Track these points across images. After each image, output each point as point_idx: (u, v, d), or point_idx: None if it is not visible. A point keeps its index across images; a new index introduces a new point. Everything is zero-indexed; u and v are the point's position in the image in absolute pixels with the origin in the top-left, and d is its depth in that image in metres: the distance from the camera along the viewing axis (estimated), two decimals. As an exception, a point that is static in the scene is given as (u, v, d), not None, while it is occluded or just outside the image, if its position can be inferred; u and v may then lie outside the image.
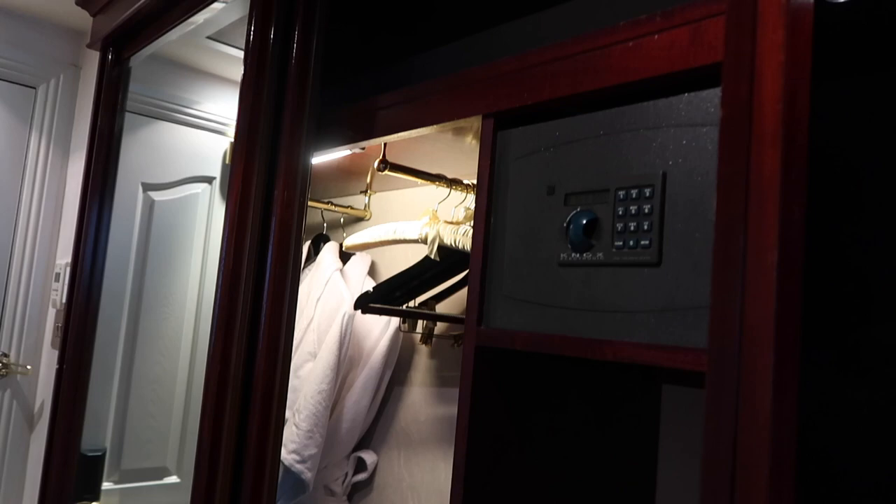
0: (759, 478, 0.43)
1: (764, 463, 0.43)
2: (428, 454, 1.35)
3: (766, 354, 0.44)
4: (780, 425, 0.44)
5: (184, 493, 1.66)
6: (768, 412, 0.44)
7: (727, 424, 0.46)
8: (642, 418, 0.95)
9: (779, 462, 0.43)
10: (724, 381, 0.46)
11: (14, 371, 1.71)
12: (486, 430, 0.76)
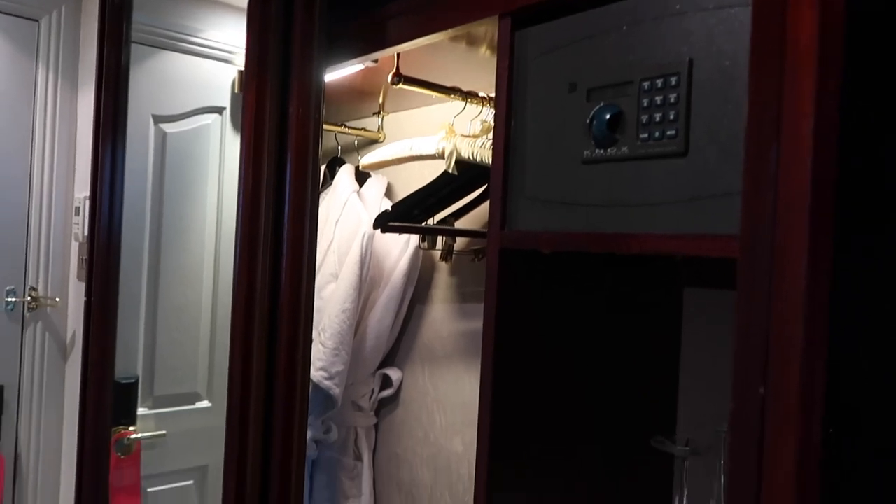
0: (791, 362, 0.43)
1: (797, 346, 0.43)
2: (452, 368, 1.38)
3: (800, 231, 0.44)
4: (813, 309, 0.44)
5: (216, 417, 1.72)
6: (801, 295, 0.44)
7: (760, 309, 0.46)
8: (664, 322, 0.96)
9: (811, 345, 0.43)
10: (757, 262, 0.46)
11: (43, 304, 1.75)
12: (512, 334, 0.77)
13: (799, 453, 0.42)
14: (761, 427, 0.41)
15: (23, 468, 1.79)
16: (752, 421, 0.40)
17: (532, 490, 0.82)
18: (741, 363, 0.42)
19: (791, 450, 0.41)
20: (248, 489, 1.19)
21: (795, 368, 0.40)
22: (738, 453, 0.42)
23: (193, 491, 2.02)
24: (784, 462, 0.42)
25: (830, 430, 0.43)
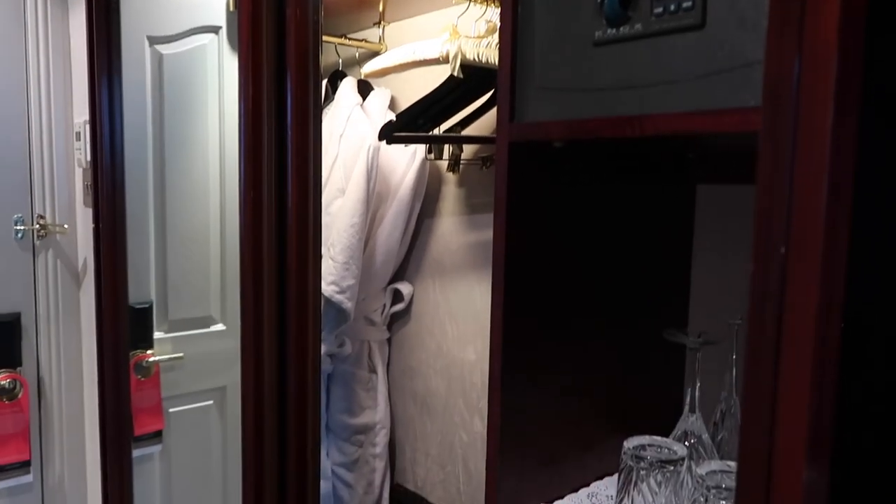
0: (813, 234, 0.42)
1: (818, 219, 0.42)
2: (462, 280, 1.38)
3: (825, 94, 0.42)
4: (837, 180, 0.42)
5: (231, 339, 1.73)
6: (826, 167, 0.42)
7: (781, 181, 0.45)
8: (677, 219, 0.95)
9: (834, 218, 0.42)
10: (779, 129, 0.45)
11: (52, 231, 1.76)
12: (523, 231, 0.76)
13: (819, 321, 0.41)
14: (781, 290, 0.40)
15: (46, 391, 1.84)
16: (773, 283, 0.39)
17: (545, 388, 0.83)
18: (763, 223, 0.41)
19: (811, 316, 0.41)
20: (266, 406, 1.22)
21: (818, 229, 0.39)
22: (757, 321, 0.41)
23: (214, 410, 2.08)
24: (805, 328, 0.41)
25: (853, 297, 0.42)
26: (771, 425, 0.46)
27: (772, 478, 0.46)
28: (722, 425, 0.87)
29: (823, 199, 0.38)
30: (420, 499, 1.50)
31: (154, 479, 1.97)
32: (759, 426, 0.46)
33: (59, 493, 1.88)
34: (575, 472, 0.88)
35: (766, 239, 0.40)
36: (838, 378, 0.45)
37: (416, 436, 1.51)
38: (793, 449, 0.45)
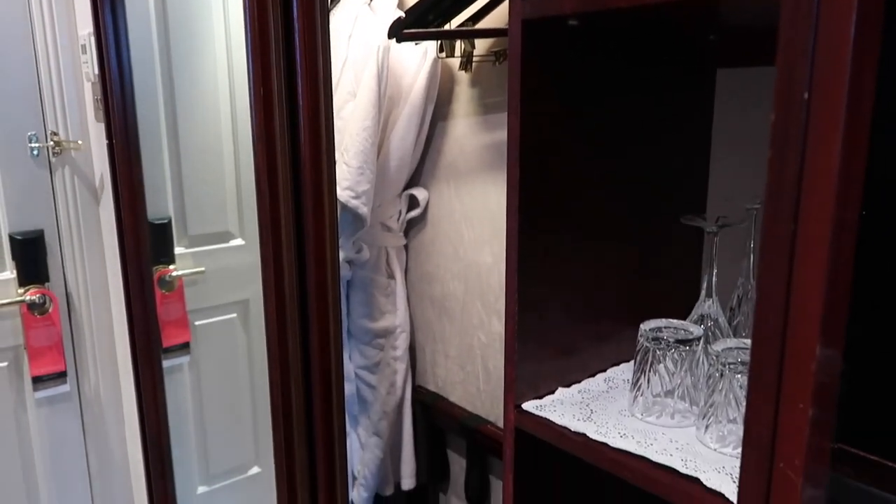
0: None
1: (844, 60, 0.40)
2: (478, 183, 1.37)
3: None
4: (865, 12, 0.40)
5: (250, 253, 1.75)
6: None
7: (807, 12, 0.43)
8: (696, 103, 0.93)
9: (861, 60, 0.40)
10: None
11: (67, 148, 1.76)
12: (538, 121, 0.75)
13: (841, 175, 0.40)
14: (803, 142, 0.39)
15: (76, 306, 1.89)
16: (794, 131, 0.38)
17: (562, 279, 0.83)
18: (785, 62, 0.39)
19: (833, 169, 0.40)
20: (288, 315, 1.24)
21: (843, 73, 0.37)
22: (777, 172, 0.41)
23: (237, 323, 2.13)
24: (826, 181, 0.40)
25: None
26: (787, 294, 0.46)
27: (786, 350, 0.46)
28: (738, 310, 0.88)
29: (850, 37, 0.36)
30: (441, 398, 1.55)
31: (185, 388, 2.05)
32: (775, 295, 0.46)
33: (95, 402, 1.96)
34: (592, 360, 0.90)
35: (788, 83, 0.38)
36: (857, 242, 0.45)
37: (436, 338, 1.54)
38: (807, 322, 0.45)
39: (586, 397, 0.82)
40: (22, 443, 1.88)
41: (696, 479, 0.62)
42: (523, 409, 0.79)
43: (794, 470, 0.40)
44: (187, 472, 2.10)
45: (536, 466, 0.84)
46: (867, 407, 0.82)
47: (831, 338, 0.44)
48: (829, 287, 0.43)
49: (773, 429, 0.41)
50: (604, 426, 0.74)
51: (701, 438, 0.71)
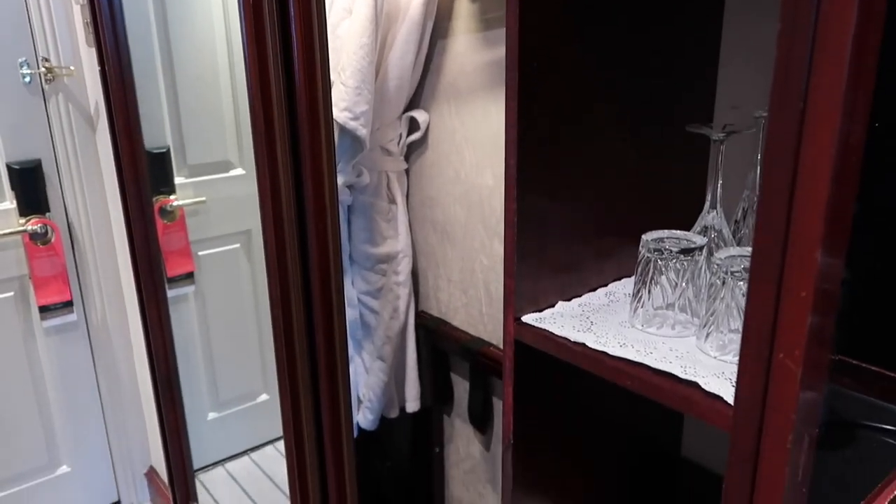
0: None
1: None
2: (478, 102, 1.34)
3: None
4: None
5: (251, 183, 1.73)
6: None
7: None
8: (705, 12, 0.89)
9: None
10: None
11: (59, 74, 1.72)
12: (538, 25, 0.71)
13: (850, 79, 0.38)
14: (812, 45, 0.37)
15: (78, 236, 1.89)
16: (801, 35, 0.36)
17: (563, 194, 0.81)
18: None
19: (841, 73, 0.37)
20: (287, 242, 1.22)
21: None
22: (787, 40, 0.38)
23: (241, 253, 2.14)
24: (834, 83, 0.38)
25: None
26: (790, 199, 0.44)
27: (790, 234, 0.45)
28: (743, 223, 0.86)
29: None
30: (444, 323, 1.55)
31: (191, 318, 2.07)
32: (778, 200, 0.44)
33: (103, 331, 1.98)
34: (593, 275, 0.89)
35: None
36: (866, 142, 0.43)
37: (438, 263, 1.54)
38: (810, 229, 0.43)
39: (586, 310, 0.81)
40: (34, 372, 1.91)
41: (696, 383, 0.62)
42: (523, 321, 0.78)
43: (794, 360, 0.39)
44: (197, 399, 2.14)
45: (536, 379, 0.84)
46: (868, 318, 0.81)
47: (835, 241, 0.43)
48: (835, 175, 0.41)
49: (773, 317, 0.40)
50: (603, 336, 0.73)
51: (701, 347, 0.70)
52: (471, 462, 1.65)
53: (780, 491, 0.42)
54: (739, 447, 0.45)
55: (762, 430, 0.42)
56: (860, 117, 0.41)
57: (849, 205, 0.43)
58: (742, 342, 0.42)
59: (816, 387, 0.42)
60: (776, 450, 0.42)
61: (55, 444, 2.02)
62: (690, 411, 0.60)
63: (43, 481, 2.01)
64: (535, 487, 0.90)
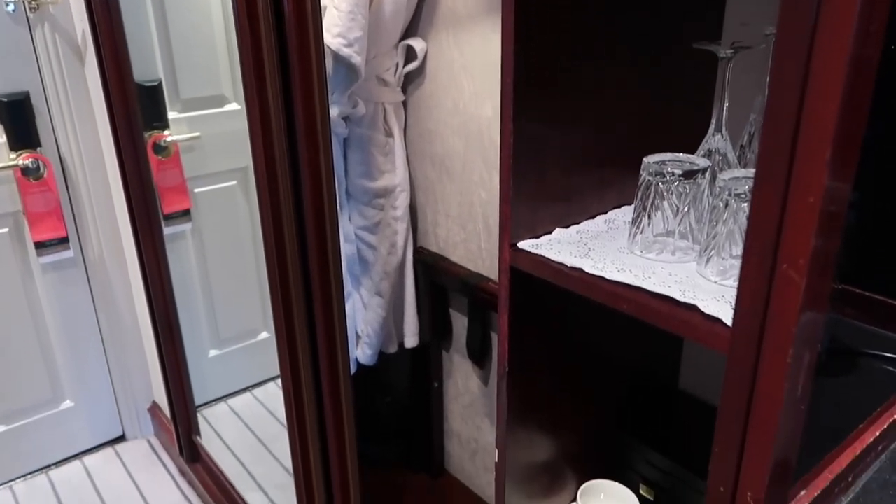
0: None
1: None
2: (478, 30, 1.29)
3: None
4: None
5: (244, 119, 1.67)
6: None
7: None
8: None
9: None
10: None
11: (44, 2, 1.66)
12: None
13: None
14: None
15: (71, 171, 1.86)
16: None
17: (563, 119, 0.78)
18: None
19: None
20: (280, 176, 1.19)
21: None
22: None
23: (237, 190, 2.11)
24: None
25: None
26: (797, 117, 0.41)
27: (795, 158, 0.42)
28: (749, 148, 0.83)
29: None
30: (442, 258, 1.54)
31: (189, 255, 2.06)
32: (788, 97, 0.41)
33: (100, 268, 1.98)
34: (593, 203, 0.86)
35: None
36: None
37: (437, 198, 1.51)
38: (821, 129, 0.40)
39: (584, 237, 0.79)
40: (33, 308, 1.91)
41: (695, 306, 0.60)
42: (519, 247, 0.76)
43: (798, 271, 0.37)
44: (198, 336, 2.15)
45: (532, 307, 0.83)
46: (869, 246, 0.79)
47: (841, 164, 0.40)
48: (846, 92, 0.38)
49: (778, 225, 0.37)
50: (601, 262, 0.72)
51: (701, 272, 0.68)
52: (469, 397, 1.66)
53: (778, 407, 0.41)
54: (737, 363, 0.43)
55: (762, 343, 0.40)
56: (875, 37, 0.38)
57: (861, 117, 0.40)
58: (744, 253, 0.40)
59: (819, 301, 0.40)
60: (776, 364, 0.40)
61: (58, 379, 2.03)
62: (689, 335, 0.59)
63: (48, 415, 2.04)
64: (530, 416, 0.90)
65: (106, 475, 2.04)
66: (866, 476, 0.57)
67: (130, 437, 2.21)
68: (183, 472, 2.02)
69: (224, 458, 1.96)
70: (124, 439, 2.20)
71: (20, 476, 2.03)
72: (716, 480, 0.47)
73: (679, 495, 0.95)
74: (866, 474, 0.58)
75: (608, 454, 1.03)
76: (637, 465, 1.00)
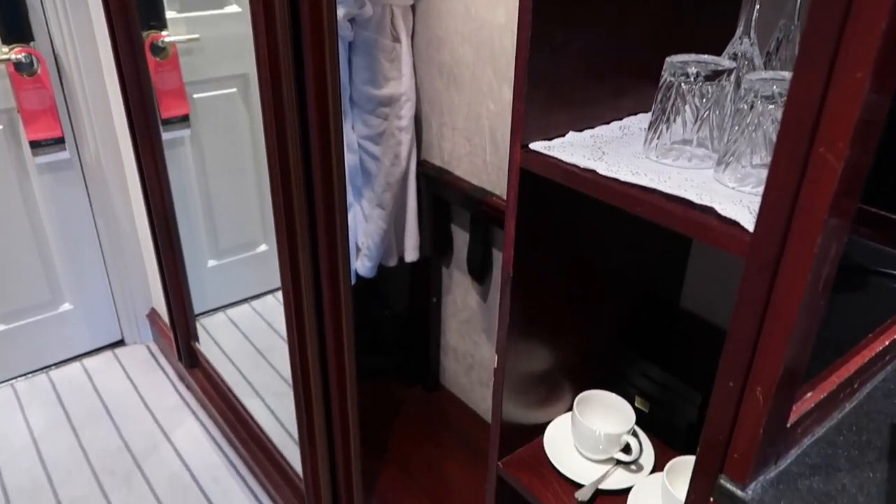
0: None
1: None
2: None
3: None
4: None
5: (248, 23, 1.61)
6: None
7: None
8: None
9: None
10: None
11: None
12: None
13: None
14: None
15: (65, 69, 1.80)
16: None
17: (581, 13, 0.74)
18: None
19: None
20: (283, 73, 1.14)
21: None
22: None
23: (237, 98, 2.05)
24: None
25: None
26: None
27: (840, 49, 0.39)
28: (776, 55, 0.79)
29: None
30: (446, 172, 1.51)
31: (188, 163, 2.03)
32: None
33: (97, 171, 1.94)
34: (608, 111, 0.83)
35: None
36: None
37: (443, 109, 1.47)
38: (873, 15, 0.37)
39: (598, 141, 0.77)
40: (29, 209, 1.89)
41: (711, 208, 0.58)
42: (530, 148, 0.74)
43: (836, 154, 0.35)
44: (197, 245, 2.14)
45: (539, 214, 0.81)
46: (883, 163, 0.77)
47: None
48: None
49: (819, 104, 0.35)
50: (615, 165, 0.69)
51: (719, 178, 0.66)
52: (467, 312, 1.67)
53: (798, 299, 0.39)
54: (760, 253, 0.42)
55: (789, 231, 0.39)
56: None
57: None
58: (779, 135, 0.38)
59: (852, 191, 0.38)
60: (801, 254, 0.39)
61: (57, 281, 2.04)
62: (704, 237, 0.57)
63: (47, 316, 2.05)
64: (531, 325, 0.89)
65: (105, 377, 2.07)
66: (871, 384, 0.57)
67: (130, 342, 2.23)
68: (182, 377, 2.05)
69: (222, 365, 1.99)
70: (123, 344, 2.23)
71: (21, 375, 2.06)
72: (725, 375, 0.46)
73: (674, 408, 0.96)
74: (871, 383, 0.57)
75: (606, 367, 1.03)
76: (634, 377, 1.01)
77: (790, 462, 0.49)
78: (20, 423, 1.88)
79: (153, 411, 1.94)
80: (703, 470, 0.51)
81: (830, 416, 0.54)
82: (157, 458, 1.77)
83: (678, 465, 0.85)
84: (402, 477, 1.61)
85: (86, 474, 1.71)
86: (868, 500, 0.46)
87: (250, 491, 1.68)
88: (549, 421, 1.01)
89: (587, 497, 0.89)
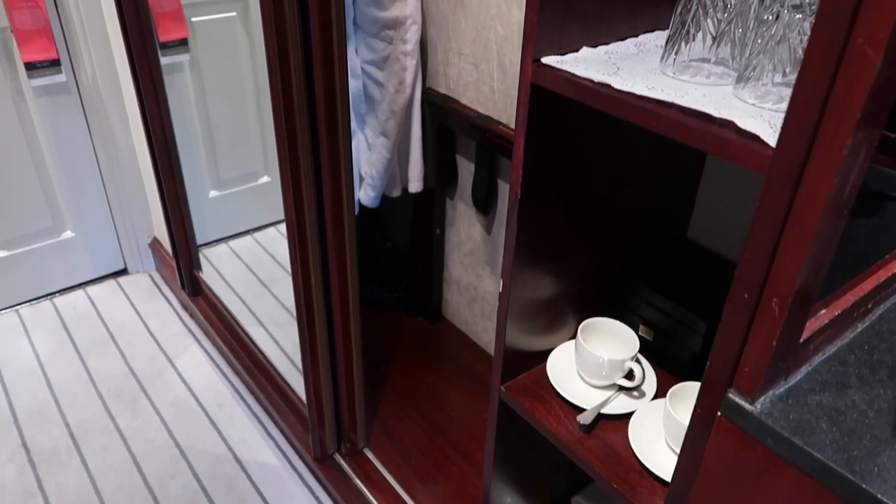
0: None
1: None
2: None
3: None
4: None
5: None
6: None
7: None
8: None
9: None
10: None
11: None
12: None
13: None
14: None
15: (59, -14, 1.74)
16: None
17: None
18: None
19: None
20: (286, 4, 1.10)
21: None
22: None
23: (237, 22, 1.99)
24: None
25: None
26: None
27: None
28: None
29: None
30: (452, 100, 1.47)
31: (187, 90, 1.98)
32: None
33: (94, 95, 1.90)
34: (623, 27, 0.80)
35: None
36: None
37: (449, 34, 1.42)
38: None
39: (613, 57, 0.74)
40: (27, 132, 1.86)
41: (731, 122, 0.56)
42: (542, 62, 0.71)
43: (875, 46, 0.33)
44: (198, 175, 2.12)
45: (549, 134, 0.79)
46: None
47: None
48: None
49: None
50: (630, 80, 0.67)
51: (738, 94, 0.64)
52: (471, 245, 1.66)
53: (822, 205, 0.38)
54: (786, 155, 0.40)
55: (818, 131, 0.37)
56: None
57: None
58: (814, 27, 0.36)
59: (887, 92, 0.36)
60: (829, 156, 0.37)
61: (57, 208, 2.02)
62: (722, 152, 0.55)
63: (50, 244, 2.05)
64: (537, 250, 0.88)
65: (109, 304, 2.08)
66: (885, 306, 0.56)
67: (132, 271, 2.23)
68: (185, 305, 2.06)
69: (225, 294, 1.99)
70: (126, 272, 2.23)
71: (26, 301, 2.07)
72: (740, 287, 0.45)
73: (678, 337, 0.96)
74: (885, 304, 0.56)
75: (611, 295, 1.03)
76: (638, 306, 1.00)
77: (800, 378, 0.49)
78: (26, 347, 1.90)
79: (157, 338, 1.96)
80: (712, 384, 0.51)
81: (843, 335, 0.53)
82: (162, 384, 1.79)
83: (681, 391, 0.85)
84: (404, 404, 1.63)
85: (92, 397, 1.74)
86: (878, 415, 0.46)
87: (255, 416, 1.71)
88: (553, 348, 1.01)
89: (589, 420, 0.89)
